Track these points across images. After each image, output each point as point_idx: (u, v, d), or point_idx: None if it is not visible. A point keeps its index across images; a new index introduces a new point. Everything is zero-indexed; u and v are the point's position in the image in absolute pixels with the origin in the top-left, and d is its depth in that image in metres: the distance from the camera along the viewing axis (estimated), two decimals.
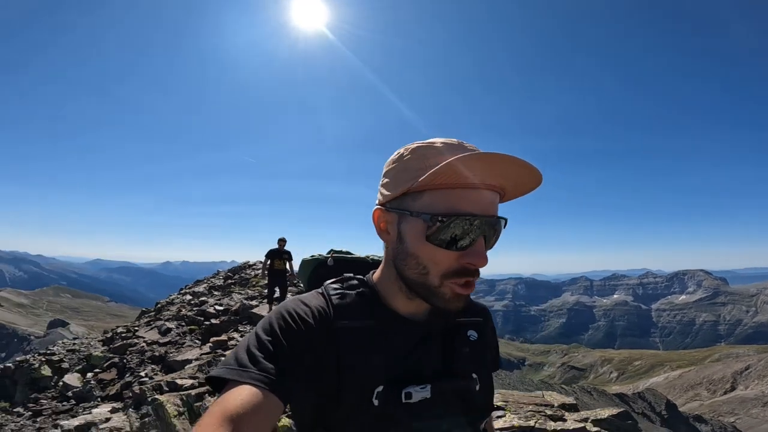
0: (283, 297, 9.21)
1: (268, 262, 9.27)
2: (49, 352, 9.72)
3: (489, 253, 0.70)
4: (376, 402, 0.74)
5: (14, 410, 6.23)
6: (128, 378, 7.14)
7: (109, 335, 10.86)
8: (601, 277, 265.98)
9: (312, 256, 1.10)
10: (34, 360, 8.66)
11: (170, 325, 9.76)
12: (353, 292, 0.83)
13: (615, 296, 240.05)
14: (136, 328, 10.76)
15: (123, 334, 10.27)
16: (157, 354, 8.07)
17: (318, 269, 1.04)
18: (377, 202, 0.82)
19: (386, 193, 0.78)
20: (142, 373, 7.12)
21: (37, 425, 5.40)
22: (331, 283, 0.86)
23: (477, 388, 0.86)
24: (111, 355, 8.59)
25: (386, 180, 0.80)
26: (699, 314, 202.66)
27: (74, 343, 10.96)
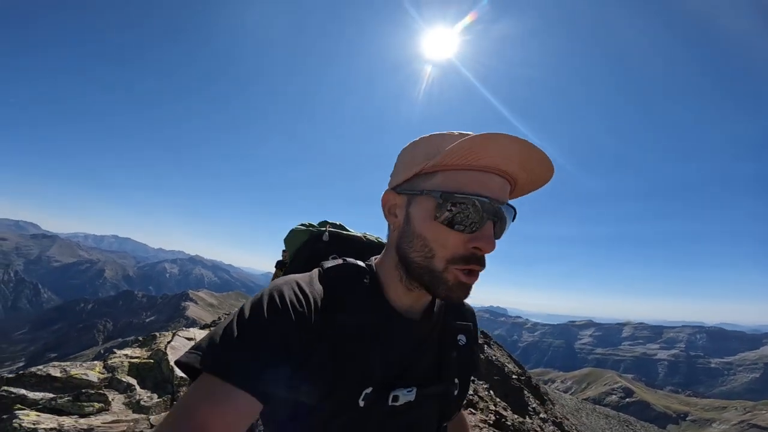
0: None
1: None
2: None
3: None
4: (361, 403, 0.71)
5: None
6: None
7: None
8: None
9: (303, 224, 1.03)
10: None
11: None
12: (355, 281, 0.77)
13: None
14: None
15: None
16: None
17: (311, 243, 0.98)
18: (387, 189, 0.79)
19: (397, 177, 0.77)
20: None
21: None
22: (332, 267, 0.79)
23: (456, 392, 0.85)
24: None
25: (399, 165, 0.78)
26: None
27: None
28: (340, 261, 0.81)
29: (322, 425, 0.71)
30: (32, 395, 3.11)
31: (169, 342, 5.16)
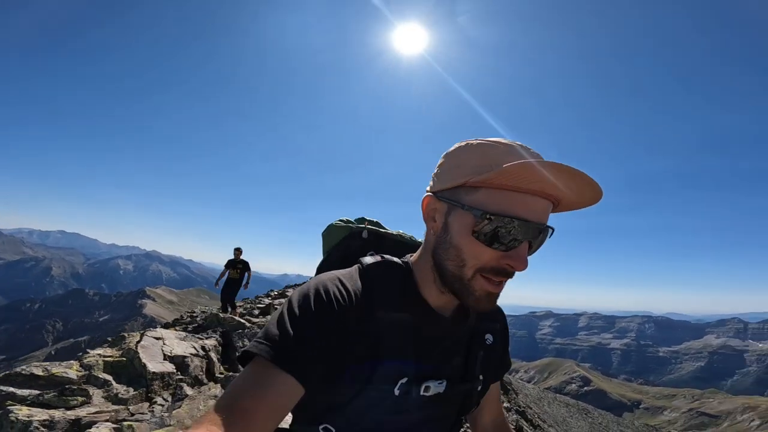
0: (231, 306, 9.62)
1: (227, 271, 9.56)
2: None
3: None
4: (397, 392, 0.76)
5: None
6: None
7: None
8: (761, 319, 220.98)
9: (341, 220, 1.08)
10: None
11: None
12: (393, 278, 0.82)
13: None
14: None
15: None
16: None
17: (349, 239, 1.03)
18: (428, 189, 0.81)
19: (441, 182, 0.78)
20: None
21: None
22: (371, 264, 0.83)
23: (479, 388, 0.90)
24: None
25: (443, 170, 0.79)
26: None
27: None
28: (378, 258, 0.85)
29: (359, 413, 0.76)
30: (20, 392, 3.32)
31: (138, 342, 5.45)
